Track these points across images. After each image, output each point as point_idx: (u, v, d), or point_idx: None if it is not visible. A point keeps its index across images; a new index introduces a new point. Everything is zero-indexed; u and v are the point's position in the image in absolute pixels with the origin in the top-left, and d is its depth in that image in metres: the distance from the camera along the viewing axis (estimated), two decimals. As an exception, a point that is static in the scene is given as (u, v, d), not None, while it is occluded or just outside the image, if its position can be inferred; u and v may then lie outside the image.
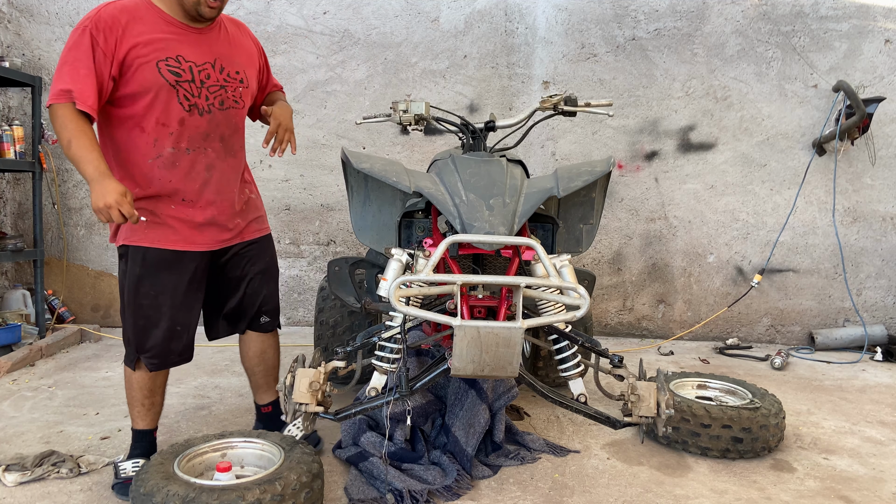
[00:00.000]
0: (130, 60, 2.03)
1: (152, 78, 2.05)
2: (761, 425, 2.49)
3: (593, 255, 4.57)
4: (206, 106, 2.16)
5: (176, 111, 2.10)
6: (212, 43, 2.19)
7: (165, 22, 2.10)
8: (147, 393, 2.27)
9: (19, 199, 4.50)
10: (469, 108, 4.45)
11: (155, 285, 2.17)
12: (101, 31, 1.99)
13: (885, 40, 4.26)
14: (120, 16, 2.03)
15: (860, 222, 4.43)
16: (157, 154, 2.11)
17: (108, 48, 1.99)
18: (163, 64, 2.06)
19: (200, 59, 2.15)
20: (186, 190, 2.17)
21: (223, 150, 2.24)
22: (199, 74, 2.14)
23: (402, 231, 2.32)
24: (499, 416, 2.51)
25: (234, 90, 2.24)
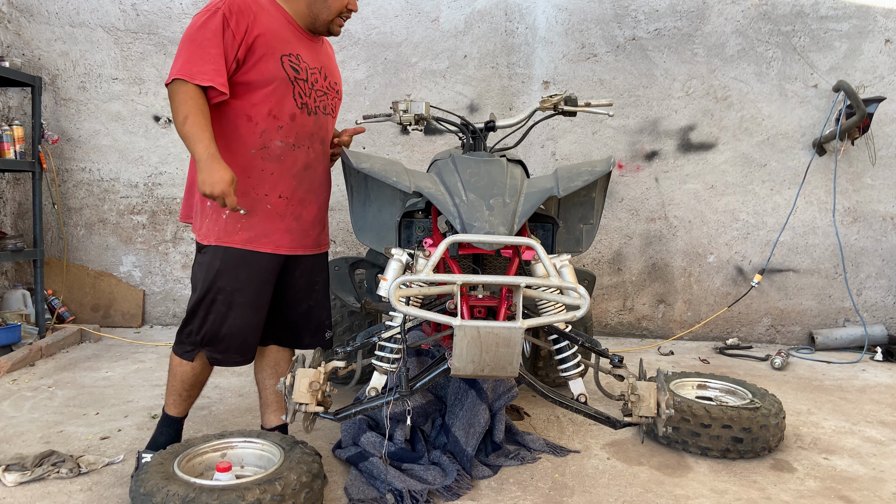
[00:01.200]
0: (255, 48, 2.05)
1: (274, 69, 2.09)
2: (761, 425, 2.49)
3: (593, 255, 4.57)
4: (314, 107, 2.22)
5: (289, 106, 2.14)
6: (319, 52, 2.28)
7: (288, 22, 2.17)
8: (189, 386, 2.28)
9: (19, 199, 4.50)
10: (469, 108, 4.45)
11: (233, 281, 2.15)
12: (234, 14, 2.01)
13: (886, 40, 4.26)
14: (251, 4, 2.07)
15: (860, 222, 4.43)
16: (262, 145, 2.13)
17: (238, 31, 2.01)
18: (286, 58, 2.11)
19: (313, 63, 2.22)
20: (285, 186, 2.18)
21: (321, 152, 2.30)
22: (311, 77, 2.20)
23: (402, 231, 2.32)
24: (499, 416, 2.51)
25: (332, 99, 2.32)
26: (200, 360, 2.24)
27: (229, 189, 1.95)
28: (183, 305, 4.57)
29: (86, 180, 4.49)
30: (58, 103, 4.41)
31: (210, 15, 2.00)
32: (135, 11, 4.35)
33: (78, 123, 4.43)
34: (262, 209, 2.17)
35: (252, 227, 2.16)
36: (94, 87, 4.41)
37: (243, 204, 2.13)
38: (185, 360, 2.23)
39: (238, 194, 2.12)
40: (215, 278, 2.15)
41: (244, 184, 2.14)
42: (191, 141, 1.96)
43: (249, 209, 2.15)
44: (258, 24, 2.06)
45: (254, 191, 2.15)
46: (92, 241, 4.54)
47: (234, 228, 2.14)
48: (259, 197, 2.15)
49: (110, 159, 4.47)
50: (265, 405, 2.49)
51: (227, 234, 2.14)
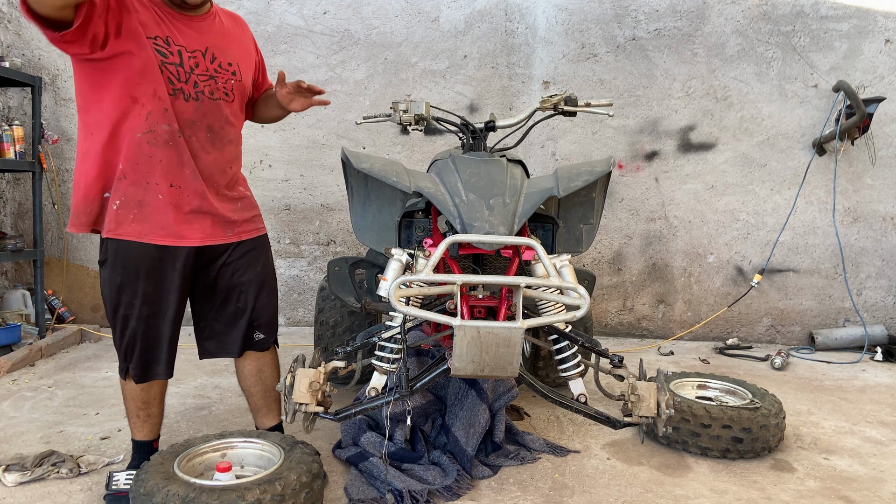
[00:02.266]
0: (121, 22, 1.93)
1: (138, 47, 1.96)
2: (761, 425, 2.49)
3: (593, 255, 4.57)
4: (194, 93, 2.07)
5: (164, 90, 2.01)
6: (204, 32, 2.12)
7: (156, 6, 2.03)
8: (141, 404, 2.19)
9: (19, 199, 4.50)
10: (469, 108, 4.45)
11: (136, 292, 2.07)
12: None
13: (886, 40, 4.26)
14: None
15: (860, 222, 4.43)
16: (148, 128, 2.01)
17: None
18: (150, 41, 1.98)
19: (192, 46, 2.07)
20: (175, 173, 2.06)
21: (209, 140, 2.13)
22: (189, 61, 2.06)
23: (402, 231, 2.31)
24: (499, 416, 2.51)
25: (226, 82, 2.16)
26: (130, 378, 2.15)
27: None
28: (183, 305, 4.56)
29: (86, 180, 4.48)
30: (58, 103, 4.41)
31: None
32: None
33: (78, 123, 4.42)
34: (155, 198, 2.04)
35: (145, 218, 2.04)
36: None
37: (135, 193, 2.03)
38: (122, 379, 2.17)
39: (128, 184, 2.02)
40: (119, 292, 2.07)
41: (133, 172, 2.02)
42: None
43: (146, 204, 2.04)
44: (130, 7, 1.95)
45: (143, 179, 2.03)
46: (92, 241, 4.54)
47: (127, 218, 2.03)
48: (150, 185, 2.03)
49: (110, 159, 4.47)
50: (256, 410, 2.45)
51: (119, 225, 2.03)
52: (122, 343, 2.12)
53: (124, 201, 2.02)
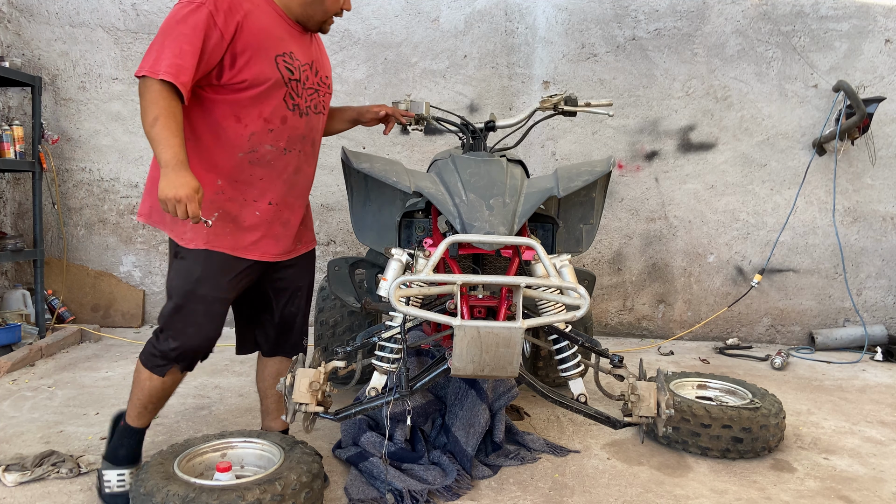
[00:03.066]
0: (246, 47, 1.89)
1: (268, 70, 1.94)
2: (761, 425, 2.49)
3: (593, 255, 4.57)
4: (305, 108, 2.08)
5: (280, 108, 2.00)
6: (309, 46, 2.12)
7: (280, 17, 2.01)
8: (158, 399, 2.13)
9: (19, 199, 4.50)
10: (469, 108, 4.45)
11: (215, 288, 2.02)
12: (222, 11, 1.84)
13: (886, 40, 4.26)
14: (243, 2, 1.91)
15: (860, 222, 4.43)
16: (250, 148, 1.99)
17: (227, 30, 1.85)
18: (280, 58, 1.96)
19: (304, 59, 2.06)
20: (276, 192, 2.07)
21: (311, 154, 2.18)
22: (303, 75, 2.05)
23: (402, 231, 2.32)
24: (499, 416, 2.51)
25: (324, 96, 2.18)
26: (172, 374, 2.08)
27: (193, 195, 1.76)
28: (183, 305, 4.56)
29: (86, 180, 4.49)
30: (58, 103, 4.41)
31: (193, 9, 1.82)
32: (135, 11, 4.35)
33: (78, 123, 4.43)
34: (251, 215, 2.05)
35: (240, 234, 2.04)
36: (94, 87, 4.41)
37: (232, 209, 2.01)
38: (155, 375, 2.06)
39: (225, 199, 2.00)
40: (196, 285, 2.00)
41: (232, 189, 2.01)
42: (158, 145, 1.78)
43: (240, 220, 2.03)
44: (250, 21, 1.90)
45: (241, 196, 2.02)
46: (92, 241, 4.54)
47: (224, 232, 2.01)
48: (248, 202, 2.04)
49: (110, 159, 4.47)
50: (266, 412, 2.44)
51: (216, 236, 2.00)
52: (178, 338, 2.02)
53: (221, 215, 2.00)
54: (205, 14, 1.81)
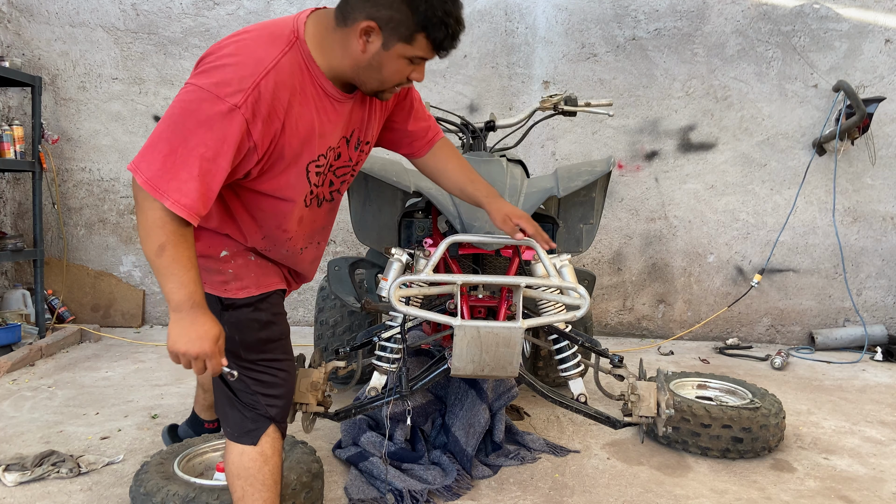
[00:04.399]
0: (280, 156, 1.47)
1: (296, 182, 1.54)
2: (761, 425, 2.49)
3: (593, 255, 4.57)
4: (329, 194, 1.68)
5: (298, 213, 1.61)
6: (355, 109, 1.60)
7: (324, 94, 1.50)
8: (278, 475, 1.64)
9: (19, 199, 4.50)
10: (469, 107, 4.45)
11: (282, 326, 1.68)
12: (260, 119, 1.37)
13: (886, 40, 4.26)
14: (284, 95, 1.40)
15: (860, 222, 4.43)
16: (264, 248, 1.65)
17: (262, 143, 1.40)
18: (313, 165, 1.54)
19: (337, 137, 1.58)
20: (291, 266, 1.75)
21: (324, 238, 1.82)
22: (331, 158, 1.61)
23: (402, 231, 2.32)
24: (499, 416, 2.51)
25: (357, 163, 1.72)
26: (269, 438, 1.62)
27: (214, 349, 1.38)
28: (183, 305, 4.56)
29: (86, 180, 4.49)
30: (58, 103, 4.41)
31: (223, 112, 1.32)
32: (135, 11, 4.35)
33: (78, 123, 4.43)
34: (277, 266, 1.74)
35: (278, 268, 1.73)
36: (94, 87, 4.41)
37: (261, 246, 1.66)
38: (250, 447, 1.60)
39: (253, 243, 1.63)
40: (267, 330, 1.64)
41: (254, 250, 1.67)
42: (167, 280, 1.36)
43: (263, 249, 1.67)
44: (289, 126, 1.43)
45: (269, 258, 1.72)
46: (92, 240, 4.54)
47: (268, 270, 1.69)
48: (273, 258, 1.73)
49: (110, 159, 4.47)
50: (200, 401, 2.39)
51: (265, 276, 1.66)
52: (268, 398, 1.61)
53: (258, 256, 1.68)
54: (239, 124, 1.34)
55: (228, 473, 1.63)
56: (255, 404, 1.60)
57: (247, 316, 1.60)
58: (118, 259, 4.56)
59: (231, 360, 1.57)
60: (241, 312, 1.60)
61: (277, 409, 1.63)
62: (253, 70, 1.35)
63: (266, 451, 1.61)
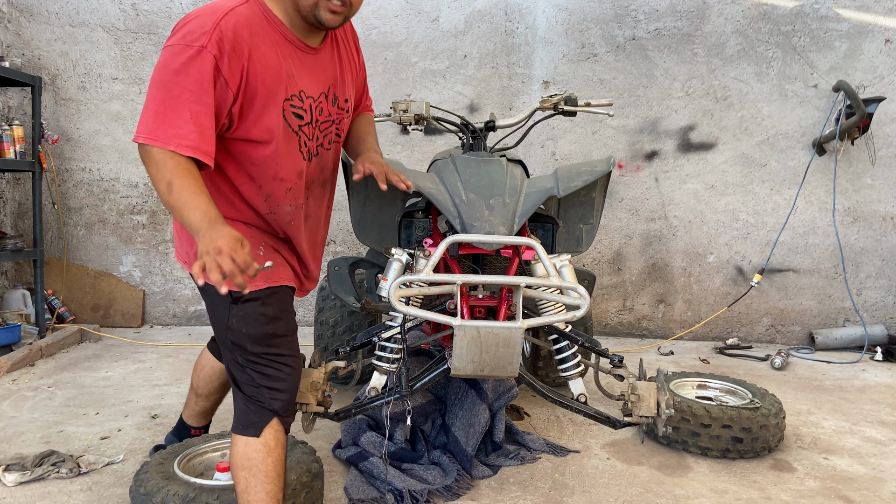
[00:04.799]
0: (254, 95, 1.56)
1: (276, 123, 1.61)
2: (761, 425, 2.49)
3: (593, 255, 4.57)
4: (316, 148, 1.76)
5: (295, 162, 1.68)
6: (325, 65, 1.73)
7: (286, 40, 1.62)
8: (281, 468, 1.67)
9: (19, 199, 4.50)
10: (469, 107, 4.45)
11: (289, 323, 1.71)
12: (226, 54, 1.48)
13: (886, 40, 4.26)
14: (245, 34, 1.52)
15: (860, 222, 4.43)
16: (268, 210, 1.73)
17: (232, 78, 1.51)
18: (287, 104, 1.62)
19: (317, 89, 1.70)
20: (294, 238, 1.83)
21: (321, 194, 1.89)
22: (315, 110, 1.71)
23: (402, 231, 2.32)
24: (499, 416, 2.51)
25: (341, 122, 1.84)
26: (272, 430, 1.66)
27: (237, 245, 1.35)
28: (183, 305, 4.57)
29: (86, 180, 4.49)
30: (58, 103, 4.41)
31: (193, 54, 1.46)
32: (135, 11, 4.35)
33: (78, 123, 4.43)
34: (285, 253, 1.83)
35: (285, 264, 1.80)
36: (94, 87, 4.41)
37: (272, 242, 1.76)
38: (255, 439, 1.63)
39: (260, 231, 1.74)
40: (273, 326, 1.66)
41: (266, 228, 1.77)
42: (182, 211, 1.42)
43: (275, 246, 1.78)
44: (255, 62, 1.54)
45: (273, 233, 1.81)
46: (92, 241, 4.54)
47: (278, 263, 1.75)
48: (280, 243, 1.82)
49: (110, 159, 4.47)
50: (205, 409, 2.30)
51: (275, 272, 1.71)
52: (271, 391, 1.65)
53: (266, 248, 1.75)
54: (209, 61, 1.46)
55: (233, 465, 1.66)
56: (258, 397, 1.64)
57: (254, 310, 1.63)
58: (118, 259, 4.56)
59: (238, 352, 1.64)
60: (248, 306, 1.63)
61: (281, 403, 1.66)
62: (212, 17, 1.50)
63: (269, 443, 1.64)
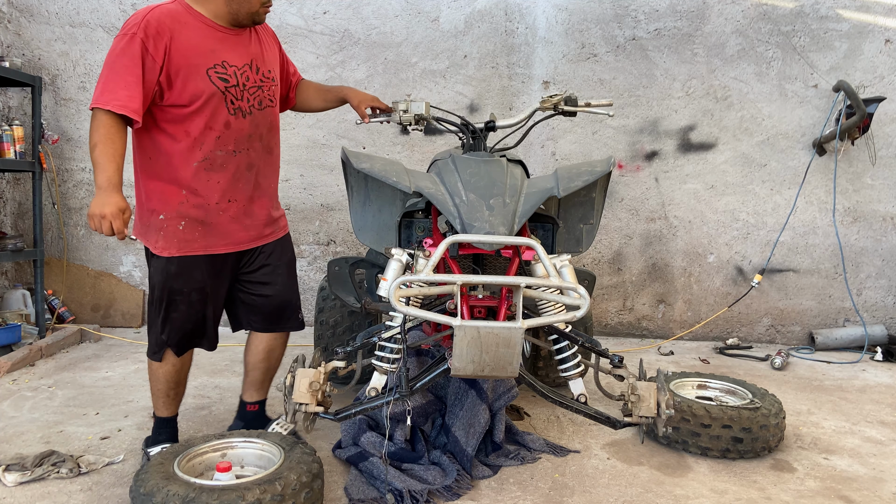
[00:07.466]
0: (179, 68, 2.06)
1: (202, 86, 2.10)
2: (761, 425, 2.49)
3: (593, 255, 4.57)
4: (248, 108, 2.22)
5: (222, 116, 2.15)
6: (246, 45, 2.24)
7: (208, 27, 2.14)
8: (173, 384, 2.35)
9: (19, 199, 4.50)
10: (469, 108, 4.45)
11: (188, 282, 2.23)
12: (151, 37, 2.01)
13: (886, 40, 4.26)
14: (167, 21, 2.05)
15: (860, 222, 4.43)
16: (202, 157, 2.16)
17: (157, 54, 2.02)
18: (212, 71, 2.11)
19: (240, 61, 2.20)
20: (234, 190, 2.25)
21: (262, 149, 2.31)
22: (241, 77, 2.19)
23: (402, 231, 2.31)
24: (499, 416, 2.51)
25: (269, 89, 2.30)
26: (169, 359, 2.31)
27: (118, 213, 1.95)
28: (183, 305, 4.56)
29: (86, 180, 4.49)
30: (58, 103, 4.41)
31: (128, 40, 2.01)
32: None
33: (78, 123, 4.43)
34: (216, 216, 2.23)
35: (210, 233, 2.23)
36: (94, 87, 4.40)
37: (199, 215, 2.20)
38: (156, 362, 2.31)
39: (191, 206, 2.19)
40: (171, 281, 2.22)
41: (194, 196, 2.19)
42: (96, 169, 1.98)
43: (210, 223, 2.22)
44: (176, 42, 2.05)
45: (205, 201, 2.20)
46: (92, 241, 4.54)
47: (193, 237, 2.21)
48: (210, 205, 2.21)
49: (110, 159, 4.46)
50: (251, 383, 2.58)
51: (188, 243, 2.20)
52: (164, 325, 2.26)
53: (188, 223, 2.20)
54: (138, 43, 2.01)
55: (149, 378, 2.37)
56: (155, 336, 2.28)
57: (163, 266, 2.22)
58: (118, 259, 4.56)
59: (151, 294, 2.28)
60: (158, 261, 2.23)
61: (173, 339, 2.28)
62: (143, 12, 2.07)
63: (166, 366, 2.32)
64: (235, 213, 2.27)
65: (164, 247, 2.20)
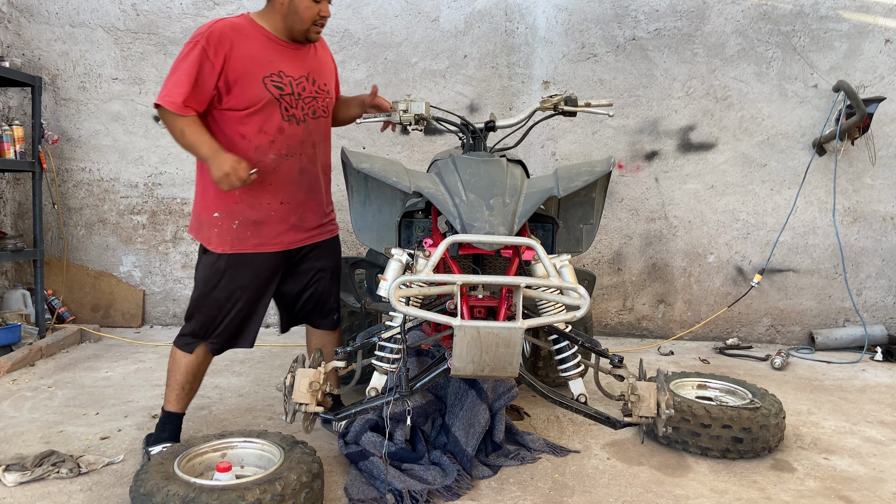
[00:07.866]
0: (238, 75, 2.24)
1: (258, 92, 2.27)
2: (761, 425, 2.49)
3: (593, 255, 4.57)
4: (302, 115, 2.40)
5: (276, 121, 2.33)
6: (304, 59, 2.42)
7: (268, 40, 2.33)
8: (193, 378, 2.43)
9: (19, 199, 4.50)
10: (469, 108, 4.45)
11: (236, 279, 2.36)
12: (213, 45, 2.21)
13: (886, 40, 4.26)
14: (229, 33, 2.24)
15: (860, 222, 4.43)
16: (257, 160, 2.32)
17: (217, 61, 2.21)
18: (268, 80, 2.29)
19: (297, 73, 2.38)
20: (285, 193, 2.40)
21: (314, 155, 2.47)
22: (297, 87, 2.36)
23: (402, 231, 2.31)
24: (499, 416, 2.51)
25: (323, 101, 2.48)
26: (201, 350, 2.40)
27: (237, 164, 2.15)
28: (183, 306, 4.56)
29: (86, 180, 4.49)
30: (58, 103, 4.41)
31: (192, 47, 2.21)
32: (135, 11, 4.35)
33: (78, 123, 4.43)
34: (268, 216, 2.38)
35: (261, 233, 2.37)
36: (94, 87, 4.41)
37: (252, 215, 2.36)
38: (185, 353, 2.39)
39: (245, 207, 2.35)
40: (219, 278, 2.35)
41: (248, 196, 2.35)
42: (194, 147, 2.20)
43: (256, 219, 2.36)
44: (236, 51, 2.23)
45: (257, 201, 2.36)
46: (92, 241, 4.54)
47: (246, 235, 2.35)
48: (263, 206, 2.37)
49: (110, 159, 4.47)
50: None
51: (240, 241, 2.35)
52: (206, 321, 2.38)
53: (242, 222, 2.35)
54: (199, 50, 2.20)
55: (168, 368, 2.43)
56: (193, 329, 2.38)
57: (213, 262, 2.35)
58: (118, 259, 4.56)
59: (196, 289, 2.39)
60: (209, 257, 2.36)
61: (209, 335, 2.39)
62: (210, 23, 2.26)
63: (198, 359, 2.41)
64: (286, 215, 2.40)
65: (217, 244, 2.34)
